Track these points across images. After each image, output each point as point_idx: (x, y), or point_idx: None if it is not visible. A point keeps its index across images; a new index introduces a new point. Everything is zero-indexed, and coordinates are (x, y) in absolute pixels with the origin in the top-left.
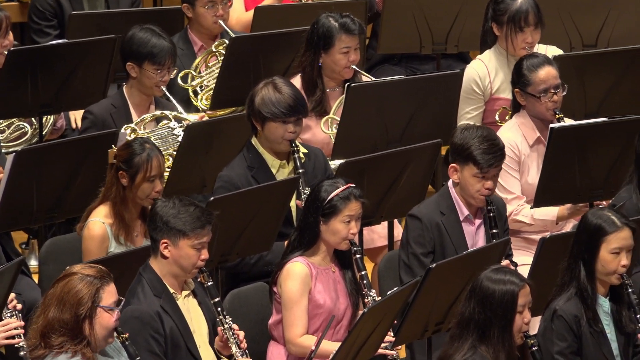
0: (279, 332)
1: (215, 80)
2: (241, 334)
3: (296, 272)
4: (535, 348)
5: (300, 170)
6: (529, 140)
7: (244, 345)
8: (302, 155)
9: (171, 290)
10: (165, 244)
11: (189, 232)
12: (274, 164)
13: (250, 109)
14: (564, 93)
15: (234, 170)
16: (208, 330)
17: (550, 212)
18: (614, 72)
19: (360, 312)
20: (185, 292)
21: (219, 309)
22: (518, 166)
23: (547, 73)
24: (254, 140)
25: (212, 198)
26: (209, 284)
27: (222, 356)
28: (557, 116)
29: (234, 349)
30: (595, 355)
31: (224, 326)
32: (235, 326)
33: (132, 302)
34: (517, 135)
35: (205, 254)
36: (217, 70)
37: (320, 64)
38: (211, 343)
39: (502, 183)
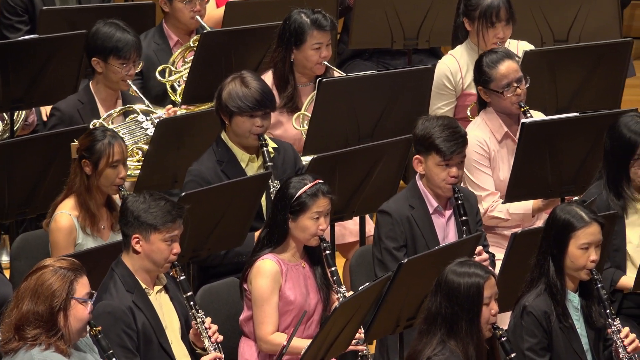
0: (250, 328)
1: None
2: (214, 327)
3: (266, 269)
4: (505, 339)
5: (268, 164)
6: (497, 136)
7: (215, 339)
8: (271, 149)
9: (143, 286)
10: (137, 239)
11: (160, 226)
12: (243, 158)
13: (218, 104)
14: (527, 85)
15: (203, 164)
16: (180, 325)
17: (525, 206)
18: (585, 68)
19: (332, 307)
20: (157, 287)
21: (192, 303)
22: (489, 162)
23: (508, 67)
24: (223, 135)
25: (183, 193)
26: (182, 278)
27: (197, 348)
28: (523, 109)
29: (207, 343)
30: (565, 351)
31: (196, 320)
32: (208, 320)
33: (104, 297)
34: (484, 132)
35: (177, 248)
36: None
37: (292, 60)
38: (184, 338)
39: (475, 180)
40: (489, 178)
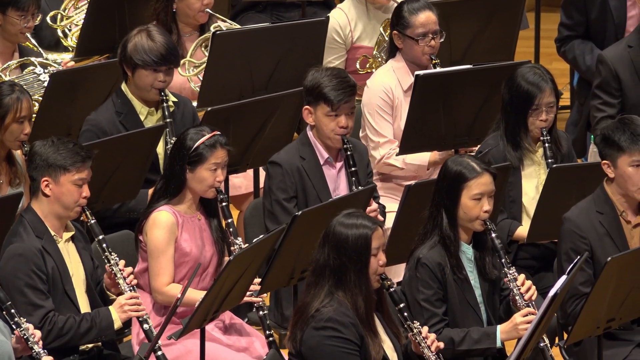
0: (145, 280)
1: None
2: (128, 269)
3: (162, 220)
4: (393, 289)
5: (167, 120)
6: (403, 85)
7: (130, 280)
8: (171, 104)
9: (52, 233)
10: (47, 182)
11: (69, 167)
12: (142, 110)
13: (122, 55)
14: (442, 40)
15: (101, 114)
16: (85, 278)
17: (421, 157)
18: (479, 20)
19: (227, 259)
20: (66, 235)
21: (104, 245)
22: (392, 110)
23: (427, 17)
24: (123, 86)
25: None
26: (92, 222)
27: (111, 295)
28: (433, 62)
29: (122, 283)
30: (459, 303)
31: (110, 262)
32: (122, 262)
33: (15, 241)
34: (391, 79)
35: (86, 191)
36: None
37: (174, 10)
38: (88, 291)
39: (375, 127)
40: (388, 125)
